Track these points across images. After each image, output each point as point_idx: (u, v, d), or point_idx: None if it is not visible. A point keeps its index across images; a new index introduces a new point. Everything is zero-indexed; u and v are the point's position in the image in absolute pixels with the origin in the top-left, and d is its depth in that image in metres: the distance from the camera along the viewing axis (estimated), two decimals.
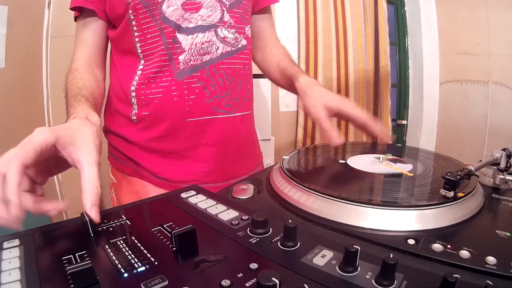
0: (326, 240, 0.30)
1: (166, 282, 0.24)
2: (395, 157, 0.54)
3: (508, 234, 0.33)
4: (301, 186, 0.42)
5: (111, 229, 0.34)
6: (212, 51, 0.57)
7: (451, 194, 0.37)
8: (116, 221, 0.35)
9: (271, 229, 0.32)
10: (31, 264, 0.27)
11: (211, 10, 0.56)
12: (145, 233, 0.33)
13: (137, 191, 0.62)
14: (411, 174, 0.47)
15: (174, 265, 0.27)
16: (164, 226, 0.34)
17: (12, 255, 0.28)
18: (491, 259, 0.28)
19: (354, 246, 0.25)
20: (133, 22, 0.56)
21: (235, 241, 0.31)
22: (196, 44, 0.56)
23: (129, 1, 0.54)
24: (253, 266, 0.26)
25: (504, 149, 0.45)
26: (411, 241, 0.32)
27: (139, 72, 0.58)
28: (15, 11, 1.17)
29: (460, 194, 0.38)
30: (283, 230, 0.30)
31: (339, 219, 0.37)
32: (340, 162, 0.53)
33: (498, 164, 0.45)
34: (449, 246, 0.30)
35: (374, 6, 1.85)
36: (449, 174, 0.38)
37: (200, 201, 0.41)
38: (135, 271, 0.26)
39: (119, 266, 0.27)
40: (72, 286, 0.24)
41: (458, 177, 0.38)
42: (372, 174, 0.47)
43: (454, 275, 0.22)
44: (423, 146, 0.67)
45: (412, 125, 2.16)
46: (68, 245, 0.31)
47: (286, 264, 0.27)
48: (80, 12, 0.60)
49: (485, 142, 1.71)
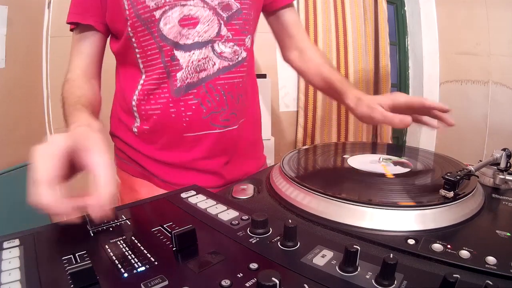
0: (326, 240, 0.30)
1: (166, 282, 0.24)
2: (398, 160, 0.54)
3: (508, 234, 0.33)
4: (301, 186, 0.42)
5: (111, 229, 0.34)
6: (209, 67, 0.56)
7: (451, 194, 0.37)
8: (116, 221, 0.35)
9: (271, 229, 0.32)
10: (31, 264, 0.27)
11: (208, 25, 0.56)
12: (145, 233, 0.33)
13: (140, 191, 0.62)
14: (405, 176, 0.47)
15: (174, 265, 0.27)
16: (164, 226, 0.34)
17: (12, 255, 0.28)
18: (491, 259, 0.28)
19: (354, 246, 0.25)
20: (133, 39, 0.56)
21: (235, 241, 0.31)
22: (192, 62, 0.55)
23: (128, 18, 0.54)
24: (253, 266, 0.26)
25: (504, 149, 0.45)
26: (411, 241, 0.32)
27: (140, 87, 0.58)
28: (15, 11, 1.17)
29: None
30: (283, 230, 0.30)
31: (339, 219, 0.37)
32: (340, 162, 0.53)
33: (498, 164, 0.45)
34: (449, 246, 0.30)
35: (374, 6, 1.84)
36: (449, 174, 0.38)
37: (200, 201, 0.41)
38: (135, 271, 0.26)
39: (119, 266, 0.27)
40: (72, 286, 0.24)
41: (458, 177, 0.38)
42: (372, 174, 0.47)
43: (454, 275, 0.22)
44: (423, 146, 0.67)
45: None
46: (68, 245, 0.31)
47: (286, 264, 0.27)
48: (77, 26, 0.60)
49: (485, 142, 1.71)
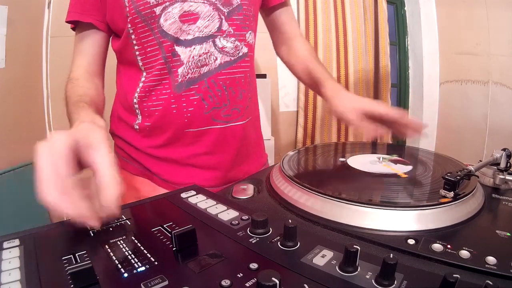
0: (326, 240, 0.30)
1: (166, 282, 0.24)
2: (397, 158, 0.54)
3: (508, 234, 0.33)
4: (301, 186, 0.42)
5: (111, 229, 0.34)
6: (210, 62, 0.56)
7: (451, 194, 0.37)
8: (116, 221, 0.35)
9: (271, 229, 0.32)
10: (31, 264, 0.27)
11: (209, 20, 0.55)
12: (145, 233, 0.33)
13: (141, 190, 0.62)
14: (406, 176, 0.47)
15: (174, 265, 0.27)
16: (164, 226, 0.34)
17: (12, 255, 0.28)
18: (491, 259, 0.28)
19: (354, 246, 0.25)
20: (133, 36, 0.56)
21: (235, 241, 0.31)
22: (193, 57, 0.55)
23: (128, 15, 0.54)
24: (253, 266, 0.26)
25: (504, 149, 0.45)
26: (411, 241, 0.32)
27: (141, 84, 0.58)
28: (15, 11, 1.17)
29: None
30: (283, 230, 0.30)
31: (339, 219, 0.37)
32: (340, 162, 0.53)
33: (498, 164, 0.45)
34: (449, 246, 0.30)
35: (374, 6, 1.85)
36: (449, 174, 0.38)
37: (200, 201, 0.41)
38: (135, 271, 0.26)
39: (119, 266, 0.27)
40: (72, 286, 0.24)
41: (458, 177, 0.38)
42: (372, 174, 0.47)
43: (454, 275, 0.22)
44: (423, 146, 0.67)
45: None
46: (68, 245, 0.31)
47: (286, 264, 0.27)
48: (77, 25, 0.59)
49: (485, 142, 1.71)
